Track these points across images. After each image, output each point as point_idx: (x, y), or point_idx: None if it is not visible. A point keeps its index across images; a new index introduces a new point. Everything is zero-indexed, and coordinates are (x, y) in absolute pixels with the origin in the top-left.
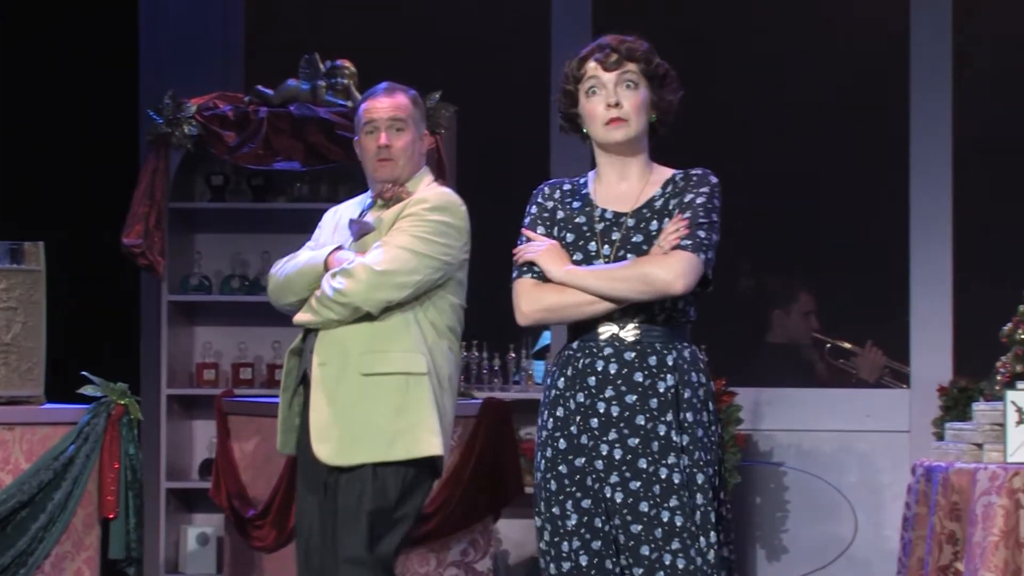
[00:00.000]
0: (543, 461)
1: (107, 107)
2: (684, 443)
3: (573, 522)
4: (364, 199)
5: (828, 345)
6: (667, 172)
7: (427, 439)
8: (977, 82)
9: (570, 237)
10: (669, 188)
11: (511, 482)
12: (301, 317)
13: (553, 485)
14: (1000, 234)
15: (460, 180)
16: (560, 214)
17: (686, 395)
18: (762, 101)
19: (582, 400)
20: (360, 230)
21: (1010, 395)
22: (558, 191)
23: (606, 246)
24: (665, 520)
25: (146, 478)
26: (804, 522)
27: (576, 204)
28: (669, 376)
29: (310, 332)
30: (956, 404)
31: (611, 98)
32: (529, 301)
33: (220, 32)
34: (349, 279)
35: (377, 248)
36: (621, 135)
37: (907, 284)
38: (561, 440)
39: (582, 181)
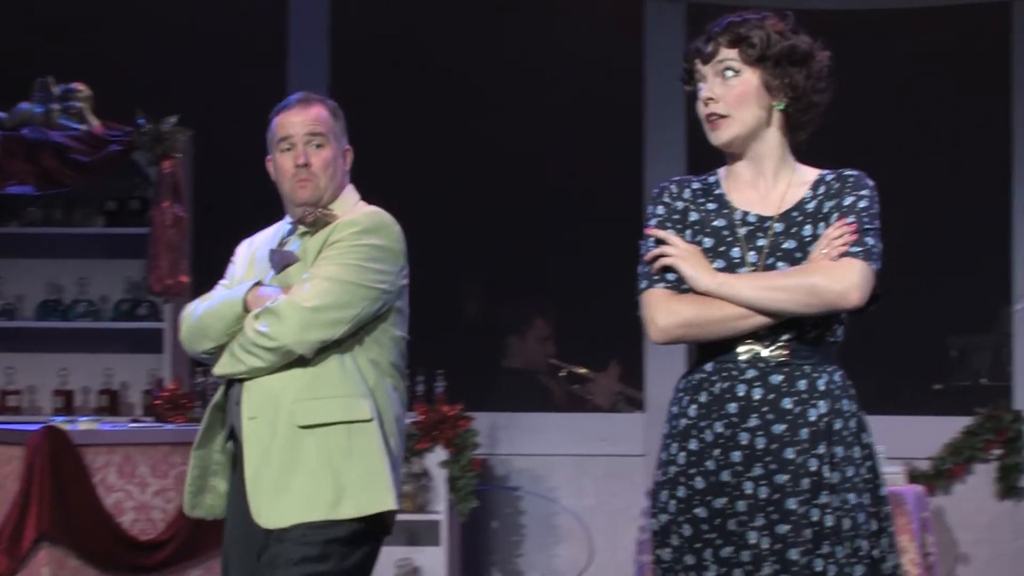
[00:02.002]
0: (673, 501)
1: None
2: (835, 481)
3: (712, 574)
4: (281, 227)
5: (563, 371)
6: (813, 172)
7: (379, 494)
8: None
9: (708, 242)
10: (821, 190)
11: None
12: (223, 368)
13: (688, 530)
14: None
15: (196, 205)
16: (693, 216)
17: (837, 426)
18: (497, 124)
19: (721, 430)
20: (282, 261)
21: None
22: (687, 190)
23: (752, 252)
24: (818, 570)
25: None
26: (540, 546)
27: (711, 205)
28: (821, 403)
29: (234, 382)
30: None
31: (705, 92)
32: (666, 314)
33: None
34: (275, 320)
35: (304, 281)
36: (717, 136)
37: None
38: (698, 478)
39: (712, 179)
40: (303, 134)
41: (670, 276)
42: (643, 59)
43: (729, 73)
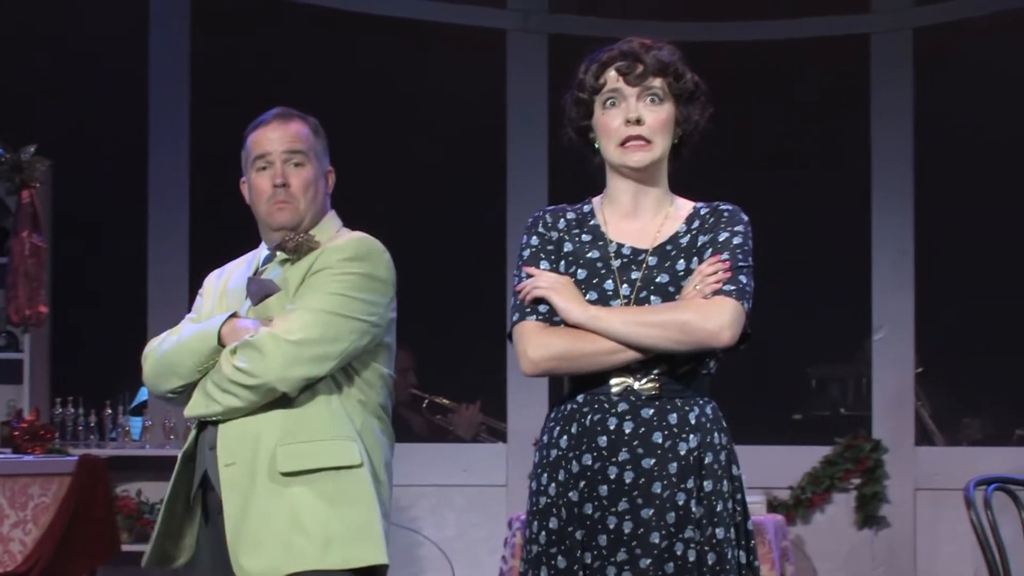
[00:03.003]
0: (544, 532)
1: None
2: (700, 515)
3: None
4: (257, 255)
5: (426, 401)
6: (687, 204)
7: (368, 546)
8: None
9: (582, 274)
10: (696, 224)
11: (107, 539)
12: (196, 409)
13: (562, 562)
14: None
15: (56, 235)
16: (568, 247)
17: (707, 460)
18: (361, 151)
19: (589, 463)
20: (260, 291)
21: None
22: (562, 220)
23: (625, 285)
24: None
25: None
26: None
27: (586, 236)
28: (692, 436)
29: (207, 425)
30: None
31: (631, 113)
32: (537, 347)
33: None
34: (256, 355)
35: (288, 312)
36: (639, 159)
37: (504, 343)
38: (564, 509)
39: (587, 209)
40: (281, 151)
41: (542, 308)
42: (506, 89)
43: (654, 100)
